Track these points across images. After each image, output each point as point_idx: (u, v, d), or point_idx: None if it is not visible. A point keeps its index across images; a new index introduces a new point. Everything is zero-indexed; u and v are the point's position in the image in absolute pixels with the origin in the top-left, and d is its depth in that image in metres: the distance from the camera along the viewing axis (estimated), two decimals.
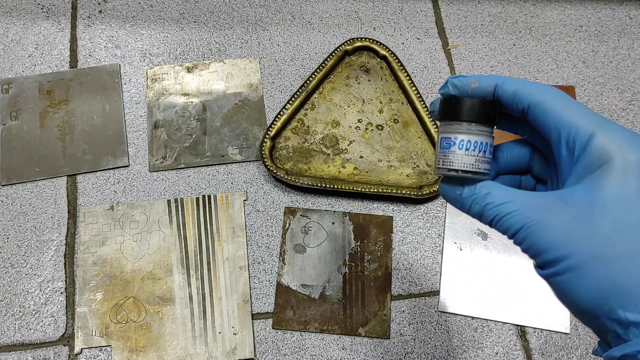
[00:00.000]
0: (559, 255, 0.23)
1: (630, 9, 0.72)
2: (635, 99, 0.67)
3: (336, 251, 0.58)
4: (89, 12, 0.70)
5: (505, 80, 0.26)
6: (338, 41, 0.69)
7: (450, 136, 0.27)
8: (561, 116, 0.24)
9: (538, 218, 0.24)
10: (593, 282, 0.22)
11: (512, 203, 0.25)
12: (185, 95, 0.65)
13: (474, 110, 0.27)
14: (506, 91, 0.26)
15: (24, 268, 0.57)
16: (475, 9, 0.72)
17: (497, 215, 0.25)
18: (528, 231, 0.24)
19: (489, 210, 0.26)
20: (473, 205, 0.27)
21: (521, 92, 0.25)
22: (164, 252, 0.57)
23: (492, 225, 0.26)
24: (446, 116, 0.28)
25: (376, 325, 0.55)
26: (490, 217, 0.26)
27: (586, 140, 0.24)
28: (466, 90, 0.27)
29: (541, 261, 0.24)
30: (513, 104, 0.26)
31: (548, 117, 0.25)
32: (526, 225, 0.24)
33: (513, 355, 0.55)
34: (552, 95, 0.25)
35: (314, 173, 0.61)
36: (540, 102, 0.25)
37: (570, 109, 0.24)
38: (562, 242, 0.23)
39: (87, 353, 0.54)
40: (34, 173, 0.61)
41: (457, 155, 0.27)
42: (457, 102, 0.27)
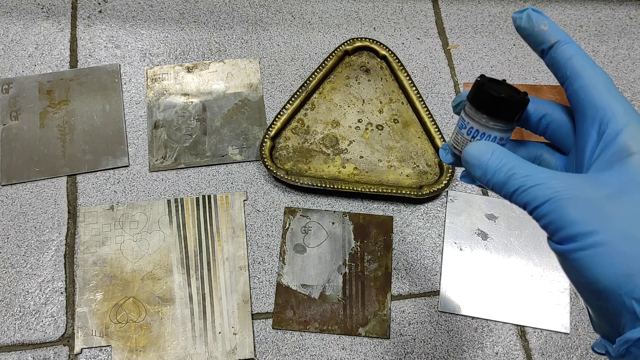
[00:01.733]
0: (588, 230, 0.23)
1: (630, 9, 0.72)
2: (635, 99, 0.67)
3: (336, 251, 0.58)
4: (89, 12, 0.70)
5: (567, 41, 0.26)
6: (338, 41, 0.69)
7: (473, 125, 0.28)
8: (603, 98, 0.25)
9: (567, 192, 0.23)
10: (620, 259, 0.22)
11: (539, 175, 0.24)
12: (185, 95, 0.65)
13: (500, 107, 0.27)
14: (564, 51, 0.26)
15: (24, 268, 0.57)
16: (475, 9, 0.72)
17: (522, 186, 0.24)
18: (556, 204, 0.23)
19: (514, 180, 0.25)
20: (497, 173, 0.26)
21: (575, 59, 0.26)
22: (164, 252, 0.57)
23: (512, 196, 0.25)
24: (473, 102, 0.28)
25: (376, 325, 0.55)
26: (514, 186, 0.25)
27: (619, 129, 0.24)
28: (534, 27, 0.27)
29: (565, 235, 0.23)
30: (563, 67, 0.26)
31: (592, 93, 0.25)
32: (554, 197, 0.23)
33: (513, 355, 0.55)
34: (601, 75, 0.26)
35: (314, 173, 0.61)
36: (590, 76, 0.25)
37: (614, 95, 0.25)
38: (592, 217, 0.23)
39: (87, 353, 0.54)
40: (34, 173, 0.61)
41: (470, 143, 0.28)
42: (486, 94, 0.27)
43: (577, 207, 0.23)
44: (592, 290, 0.23)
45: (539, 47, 0.27)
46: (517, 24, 0.28)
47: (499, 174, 0.25)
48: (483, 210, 0.60)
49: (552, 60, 0.27)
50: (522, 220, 0.60)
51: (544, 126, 0.29)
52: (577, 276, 0.24)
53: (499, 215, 0.60)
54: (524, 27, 0.27)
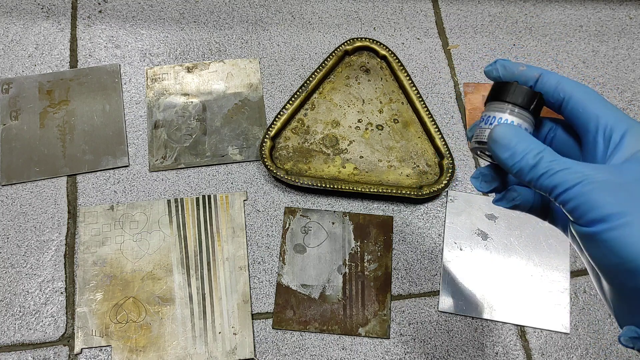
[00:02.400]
0: (618, 211, 0.23)
1: (630, 9, 0.72)
2: (635, 99, 0.67)
3: (336, 251, 0.58)
4: (89, 12, 0.70)
5: (549, 72, 0.29)
6: (338, 41, 0.69)
7: (493, 114, 0.28)
8: (600, 109, 0.27)
9: (596, 176, 0.24)
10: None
11: (566, 160, 0.25)
12: (185, 95, 0.65)
13: (520, 94, 0.28)
14: (550, 79, 0.28)
15: (24, 268, 0.57)
16: (475, 9, 0.72)
17: (550, 169, 0.25)
18: (585, 187, 0.24)
19: (543, 163, 0.26)
20: (527, 156, 0.26)
21: (564, 83, 0.28)
22: (164, 252, 0.57)
23: (539, 179, 0.26)
24: (493, 97, 0.29)
25: (376, 325, 0.55)
26: (543, 169, 0.25)
27: (623, 132, 0.26)
28: (513, 71, 0.29)
29: (594, 217, 0.24)
30: (555, 92, 0.28)
31: (588, 107, 0.27)
32: (584, 180, 0.24)
33: (513, 355, 0.55)
34: (590, 91, 0.28)
35: (314, 173, 0.61)
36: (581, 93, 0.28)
37: (607, 105, 0.27)
38: (622, 199, 0.24)
39: (87, 353, 0.54)
40: (34, 173, 0.61)
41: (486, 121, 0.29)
42: (505, 85, 0.28)
43: (606, 190, 0.24)
44: (624, 270, 0.24)
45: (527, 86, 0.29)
46: (494, 75, 0.30)
47: (528, 156, 0.26)
48: (483, 210, 0.60)
49: (542, 90, 0.29)
50: (522, 220, 0.60)
51: (550, 139, 0.31)
52: (607, 258, 0.24)
53: (499, 215, 0.60)
54: (504, 75, 0.29)
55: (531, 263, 0.58)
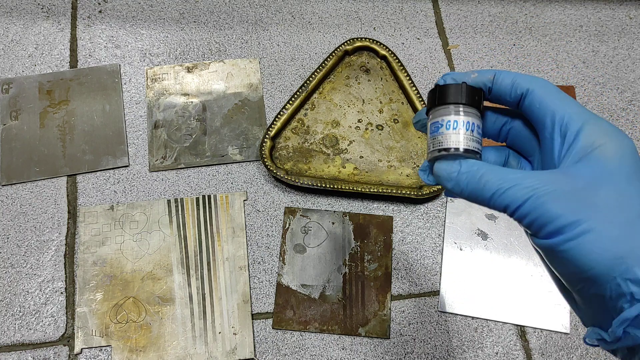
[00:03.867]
0: (572, 220, 0.23)
1: (630, 9, 0.72)
2: (635, 99, 0.67)
3: (336, 251, 0.58)
4: (89, 12, 0.70)
5: (503, 71, 0.28)
6: (338, 41, 0.69)
7: (438, 119, 0.28)
8: (556, 103, 0.26)
9: (545, 188, 0.24)
10: (609, 243, 0.23)
11: (512, 177, 0.25)
12: (185, 95, 0.65)
13: (458, 92, 0.27)
14: (505, 79, 0.28)
15: (24, 268, 0.57)
16: (475, 9, 0.72)
17: (498, 189, 0.25)
18: (536, 201, 0.24)
19: (489, 185, 0.25)
20: (470, 182, 0.26)
21: (519, 79, 0.27)
22: (164, 252, 0.57)
23: (490, 201, 0.26)
24: (433, 104, 0.28)
25: (376, 325, 0.55)
26: (491, 191, 0.25)
27: (578, 128, 0.25)
28: (466, 81, 0.28)
29: (550, 229, 0.24)
30: (512, 89, 0.27)
31: (544, 102, 0.26)
32: (533, 195, 0.24)
33: (513, 355, 0.55)
34: (547, 85, 0.27)
35: (314, 173, 0.61)
36: (538, 88, 0.27)
37: (564, 99, 0.26)
38: (575, 207, 0.23)
39: (87, 353, 0.54)
40: (34, 173, 0.61)
41: (446, 135, 0.27)
42: (441, 89, 0.28)
43: (558, 200, 0.23)
44: (585, 278, 0.24)
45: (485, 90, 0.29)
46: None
47: (472, 182, 0.26)
48: (483, 210, 0.60)
49: (499, 91, 0.28)
50: None
51: (505, 133, 0.30)
52: (567, 268, 0.24)
53: (499, 215, 0.60)
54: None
55: (531, 263, 0.58)
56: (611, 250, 0.23)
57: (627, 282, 0.22)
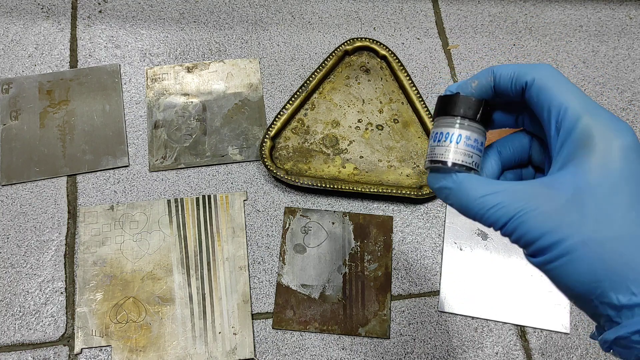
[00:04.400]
0: (551, 242, 0.23)
1: (630, 9, 0.72)
2: (635, 99, 0.67)
3: (336, 251, 0.58)
4: (89, 12, 0.70)
5: (501, 66, 0.27)
6: (338, 41, 0.69)
7: (441, 130, 0.28)
8: (553, 95, 0.25)
9: (525, 207, 0.24)
10: (585, 266, 0.22)
11: (496, 195, 0.25)
12: (185, 95, 0.65)
13: (465, 105, 0.27)
14: (504, 75, 0.27)
15: (24, 268, 0.57)
16: (475, 9, 0.72)
17: (482, 209, 0.25)
18: (517, 222, 0.24)
19: (473, 202, 0.25)
20: (459, 198, 0.26)
21: (518, 72, 0.26)
22: (164, 252, 0.57)
23: (477, 219, 0.26)
24: (439, 112, 0.28)
25: (376, 325, 0.55)
26: (474, 209, 0.25)
27: (573, 123, 0.24)
28: (468, 89, 0.28)
29: (534, 250, 0.24)
30: (512, 85, 0.26)
31: (542, 94, 0.25)
32: (515, 216, 0.24)
33: (513, 355, 0.55)
34: (547, 73, 0.26)
35: (314, 173, 0.61)
36: (538, 78, 0.25)
37: (562, 89, 0.25)
38: (553, 228, 0.23)
39: (87, 353, 0.54)
40: (34, 173, 0.61)
41: (446, 147, 0.27)
42: (450, 99, 0.28)
43: (539, 220, 0.23)
44: (570, 296, 0.24)
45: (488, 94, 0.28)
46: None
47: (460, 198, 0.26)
48: None
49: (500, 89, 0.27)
50: None
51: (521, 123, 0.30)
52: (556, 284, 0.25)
53: None
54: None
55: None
56: (587, 274, 0.22)
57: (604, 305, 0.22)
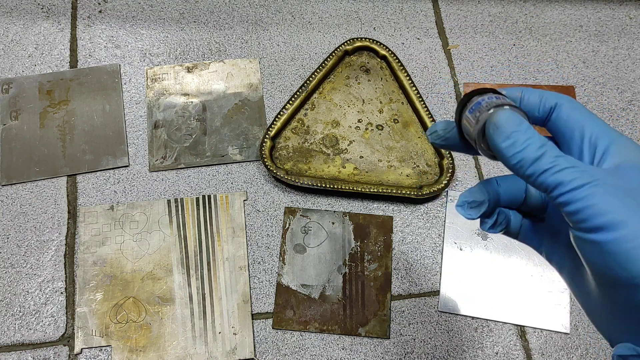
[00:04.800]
0: (628, 219, 0.21)
1: (630, 9, 0.72)
2: (635, 99, 0.67)
3: (336, 251, 0.58)
4: (89, 12, 0.70)
5: (529, 88, 0.28)
6: (338, 41, 0.69)
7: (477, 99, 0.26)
8: (585, 119, 0.26)
9: (606, 179, 0.22)
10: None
11: (569, 159, 0.23)
12: (185, 95, 0.65)
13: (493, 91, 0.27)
14: (532, 94, 0.28)
15: (24, 268, 0.57)
16: (475, 9, 0.72)
17: (556, 165, 0.23)
18: (594, 189, 0.22)
19: (547, 157, 0.23)
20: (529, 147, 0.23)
21: (547, 94, 0.28)
22: (164, 252, 0.57)
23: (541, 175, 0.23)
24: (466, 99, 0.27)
25: (376, 325, 0.55)
26: (547, 165, 0.23)
27: (607, 144, 0.25)
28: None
29: (600, 223, 0.22)
30: (540, 104, 0.27)
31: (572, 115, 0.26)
32: (592, 182, 0.22)
33: (513, 355, 0.55)
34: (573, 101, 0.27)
35: (314, 173, 0.61)
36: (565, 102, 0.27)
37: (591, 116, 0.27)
38: (632, 206, 0.22)
39: (87, 353, 0.54)
40: (34, 173, 0.61)
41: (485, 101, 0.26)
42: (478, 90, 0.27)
43: (616, 194, 0.22)
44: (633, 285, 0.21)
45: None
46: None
47: (530, 147, 0.23)
48: None
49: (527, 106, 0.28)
50: None
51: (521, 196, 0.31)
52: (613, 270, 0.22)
53: None
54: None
55: (531, 263, 0.58)
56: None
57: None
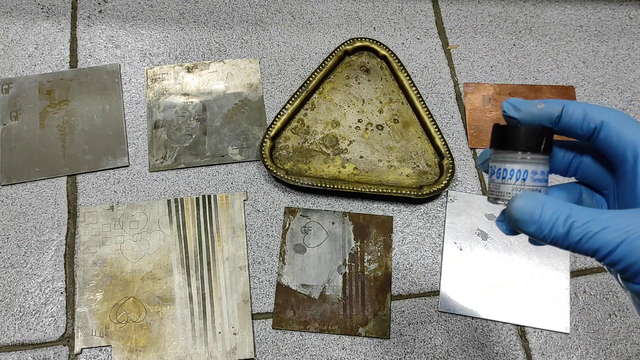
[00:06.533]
0: None
1: (630, 9, 0.72)
2: (635, 99, 0.67)
3: (336, 251, 0.58)
4: (89, 12, 0.70)
5: (572, 102, 0.26)
6: (338, 41, 0.69)
7: (499, 166, 0.26)
8: (637, 134, 0.24)
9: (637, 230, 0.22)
10: None
11: (602, 217, 0.23)
12: (185, 95, 0.65)
13: (529, 138, 0.26)
14: (576, 110, 0.26)
15: (24, 268, 0.57)
16: (475, 9, 0.72)
17: (587, 233, 0.23)
18: (632, 245, 0.22)
19: (576, 229, 0.23)
20: (556, 226, 0.23)
21: (591, 111, 0.25)
22: (164, 252, 0.57)
23: (577, 245, 0.23)
24: (499, 145, 0.26)
25: (376, 325, 0.55)
26: (579, 235, 0.23)
27: None
28: (531, 111, 0.26)
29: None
30: (584, 122, 0.26)
31: (623, 134, 0.25)
32: (627, 238, 0.22)
33: (513, 355, 0.55)
34: (622, 116, 0.25)
35: (314, 173, 0.61)
36: (613, 120, 0.25)
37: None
38: None
39: (87, 353, 0.54)
40: (34, 173, 0.61)
41: (507, 185, 0.26)
42: (506, 131, 0.26)
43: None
44: None
45: (548, 122, 0.26)
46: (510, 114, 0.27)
47: (557, 226, 0.23)
48: (483, 210, 0.60)
49: (569, 124, 0.26)
50: None
51: (575, 168, 0.28)
52: None
53: None
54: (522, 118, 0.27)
55: (531, 263, 0.58)
56: None
57: None
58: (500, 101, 0.66)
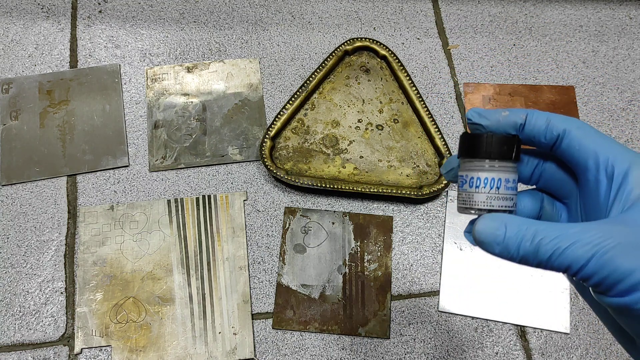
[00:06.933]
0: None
1: (630, 9, 0.72)
2: (635, 99, 0.67)
3: (336, 251, 0.58)
4: (89, 12, 0.70)
5: (535, 111, 0.26)
6: (338, 41, 0.69)
7: (472, 175, 0.26)
8: (598, 144, 0.24)
9: (608, 242, 0.21)
10: None
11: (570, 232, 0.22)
12: (185, 95, 0.65)
13: (496, 145, 0.25)
14: (539, 118, 0.26)
15: (24, 268, 0.57)
16: (475, 9, 0.72)
17: (557, 249, 0.22)
18: (603, 258, 0.21)
19: (545, 246, 0.22)
20: (523, 245, 0.23)
21: (554, 119, 0.25)
22: (164, 252, 0.57)
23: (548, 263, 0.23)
24: (466, 154, 0.26)
25: (376, 325, 0.55)
26: (548, 252, 0.22)
27: (626, 169, 0.23)
28: (496, 118, 0.26)
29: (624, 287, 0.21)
30: (547, 130, 0.25)
31: (584, 143, 0.25)
32: (598, 252, 0.21)
33: (513, 355, 0.55)
34: (584, 125, 0.25)
35: (314, 173, 0.61)
36: (575, 128, 0.25)
37: (604, 139, 0.25)
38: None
39: (87, 353, 0.54)
40: (34, 173, 0.61)
41: (481, 194, 0.26)
42: (477, 138, 0.26)
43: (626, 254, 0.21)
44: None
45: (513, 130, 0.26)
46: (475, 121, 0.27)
47: (524, 244, 0.23)
48: None
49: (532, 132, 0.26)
50: None
51: (537, 176, 0.28)
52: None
53: None
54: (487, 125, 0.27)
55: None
56: None
57: None
58: (501, 101, 0.66)
